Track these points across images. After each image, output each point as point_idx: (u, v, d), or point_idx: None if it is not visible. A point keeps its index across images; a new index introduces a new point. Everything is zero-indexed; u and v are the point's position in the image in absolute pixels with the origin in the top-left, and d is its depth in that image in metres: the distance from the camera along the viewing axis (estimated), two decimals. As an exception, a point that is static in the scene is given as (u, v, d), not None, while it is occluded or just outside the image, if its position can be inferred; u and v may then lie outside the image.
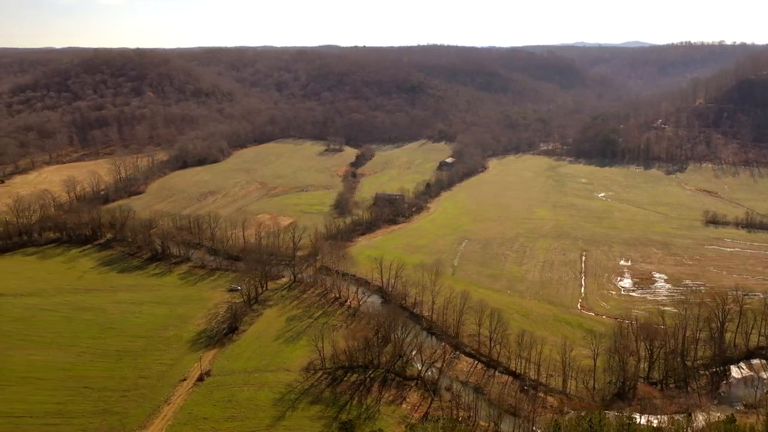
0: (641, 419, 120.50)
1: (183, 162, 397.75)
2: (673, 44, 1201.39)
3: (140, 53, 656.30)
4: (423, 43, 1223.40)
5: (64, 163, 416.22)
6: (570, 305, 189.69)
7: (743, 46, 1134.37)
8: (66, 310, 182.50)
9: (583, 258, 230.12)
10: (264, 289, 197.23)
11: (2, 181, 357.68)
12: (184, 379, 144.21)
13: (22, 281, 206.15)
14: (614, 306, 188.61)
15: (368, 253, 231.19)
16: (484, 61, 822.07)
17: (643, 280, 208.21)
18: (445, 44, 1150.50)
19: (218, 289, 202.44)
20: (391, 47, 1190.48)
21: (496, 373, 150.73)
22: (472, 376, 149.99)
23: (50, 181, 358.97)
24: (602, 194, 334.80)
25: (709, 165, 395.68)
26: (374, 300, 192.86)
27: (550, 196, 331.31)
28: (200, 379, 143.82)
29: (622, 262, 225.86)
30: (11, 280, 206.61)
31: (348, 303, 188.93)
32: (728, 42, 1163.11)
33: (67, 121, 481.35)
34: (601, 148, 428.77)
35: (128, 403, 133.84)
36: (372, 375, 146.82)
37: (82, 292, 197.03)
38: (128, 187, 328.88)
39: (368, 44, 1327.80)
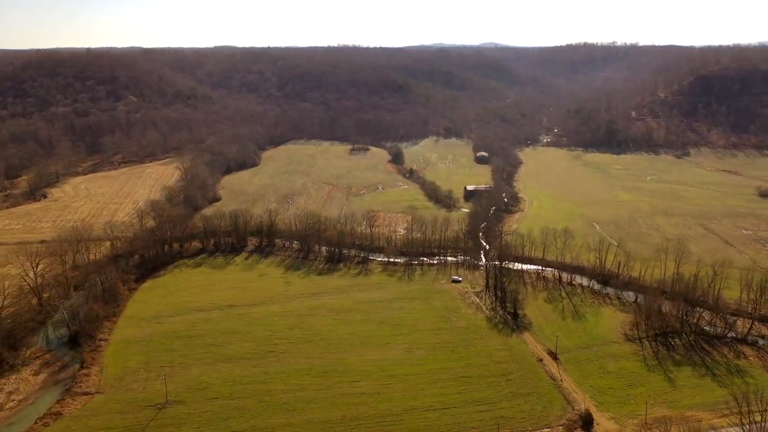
0: None
1: (227, 166, 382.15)
2: (572, 44, 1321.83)
3: (97, 54, 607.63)
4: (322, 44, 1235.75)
5: (83, 174, 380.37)
6: (755, 270, 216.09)
7: (633, 46, 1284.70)
8: (328, 314, 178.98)
9: (710, 231, 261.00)
10: (487, 278, 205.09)
11: (45, 196, 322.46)
12: (540, 359, 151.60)
13: (232, 292, 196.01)
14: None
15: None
16: (433, 61, 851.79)
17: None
18: (355, 44, 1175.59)
19: (438, 281, 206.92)
20: (302, 47, 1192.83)
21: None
22: (754, 332, 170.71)
23: (101, 193, 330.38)
24: (648, 178, 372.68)
25: (706, 149, 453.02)
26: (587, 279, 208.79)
27: (610, 181, 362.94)
28: (554, 358, 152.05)
29: (744, 232, 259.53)
30: (219, 292, 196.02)
31: (577, 284, 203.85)
32: (619, 43, 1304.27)
33: (59, 129, 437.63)
34: (607, 138, 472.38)
35: (525, 386, 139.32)
36: (690, 339, 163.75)
37: (314, 297, 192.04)
38: (205, 193, 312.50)
39: (272, 45, 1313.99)
